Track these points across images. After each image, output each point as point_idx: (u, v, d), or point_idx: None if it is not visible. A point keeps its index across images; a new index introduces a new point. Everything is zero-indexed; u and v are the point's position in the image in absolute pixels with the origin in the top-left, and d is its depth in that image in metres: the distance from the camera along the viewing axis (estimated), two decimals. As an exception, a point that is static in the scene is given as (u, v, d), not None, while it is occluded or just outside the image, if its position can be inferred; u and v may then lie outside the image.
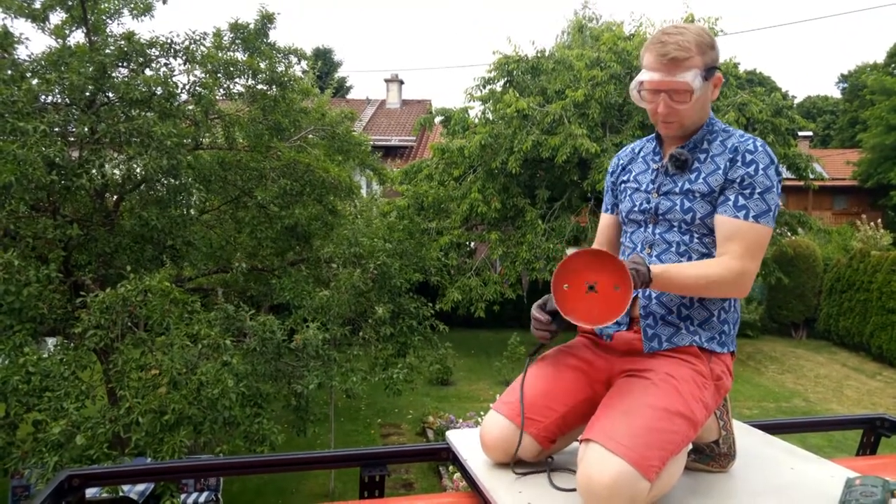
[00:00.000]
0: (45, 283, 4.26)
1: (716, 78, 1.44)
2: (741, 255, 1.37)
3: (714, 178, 1.42)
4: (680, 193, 1.46)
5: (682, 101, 1.41)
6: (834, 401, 9.86)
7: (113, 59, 5.12)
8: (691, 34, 1.40)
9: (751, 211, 1.38)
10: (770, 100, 11.44)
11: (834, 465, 1.56)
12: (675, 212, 1.47)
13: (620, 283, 1.25)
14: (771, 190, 1.39)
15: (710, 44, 1.42)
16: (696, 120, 1.47)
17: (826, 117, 33.88)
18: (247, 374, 4.27)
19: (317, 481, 6.63)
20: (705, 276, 1.36)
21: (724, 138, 1.46)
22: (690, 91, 1.39)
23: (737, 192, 1.39)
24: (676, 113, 1.43)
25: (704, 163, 1.45)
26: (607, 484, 1.20)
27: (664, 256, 1.47)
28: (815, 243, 14.78)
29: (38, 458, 3.44)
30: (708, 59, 1.41)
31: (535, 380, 1.55)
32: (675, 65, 1.39)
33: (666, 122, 1.46)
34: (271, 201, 6.11)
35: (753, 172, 1.39)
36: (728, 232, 1.39)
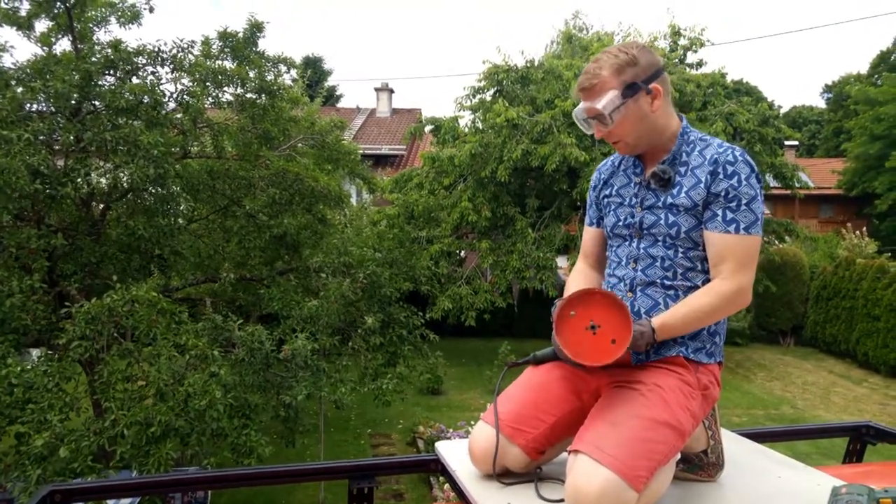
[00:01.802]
0: (29, 293, 4.21)
1: (650, 91, 1.41)
2: (733, 272, 1.38)
3: (696, 192, 1.42)
4: (663, 208, 1.46)
5: (605, 124, 1.41)
6: (821, 407, 9.92)
7: (99, 67, 5.09)
8: (606, 59, 1.41)
9: (740, 223, 1.38)
10: (757, 110, 11.59)
11: (820, 473, 1.57)
12: (660, 226, 1.46)
13: (619, 339, 1.28)
14: (756, 199, 1.39)
15: (629, 61, 1.40)
16: (648, 134, 1.45)
17: (811, 127, 34.33)
18: (235, 385, 4.22)
19: (306, 492, 6.56)
20: (701, 311, 1.38)
21: (701, 148, 1.45)
22: (603, 114, 1.39)
23: (723, 206, 1.39)
24: (612, 135, 1.44)
25: (685, 176, 1.44)
26: (595, 494, 1.21)
27: (649, 271, 1.48)
28: (802, 251, 14.93)
29: (20, 471, 3.38)
30: (628, 76, 1.39)
31: (524, 391, 1.54)
32: (588, 93, 1.42)
33: (613, 144, 1.48)
34: (260, 210, 6.08)
35: (737, 184, 1.38)
36: (720, 249, 1.40)
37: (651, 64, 1.42)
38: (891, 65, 26.73)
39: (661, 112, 1.44)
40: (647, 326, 1.36)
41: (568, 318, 1.31)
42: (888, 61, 27.35)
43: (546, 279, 10.25)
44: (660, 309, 1.45)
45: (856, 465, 1.96)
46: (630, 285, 1.50)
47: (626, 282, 1.51)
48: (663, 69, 1.45)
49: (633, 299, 1.49)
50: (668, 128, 1.47)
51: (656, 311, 1.45)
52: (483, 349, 12.55)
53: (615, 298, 1.28)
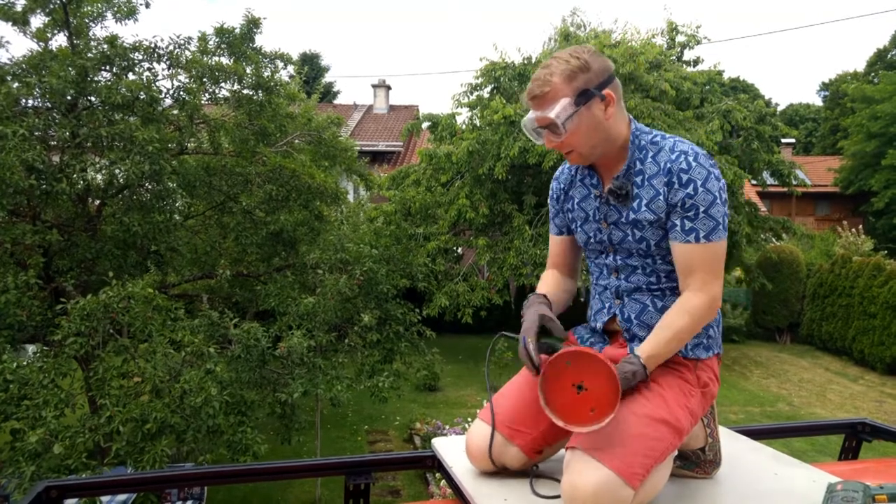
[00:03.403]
0: (24, 289, 4.20)
1: (604, 97, 1.35)
2: (703, 284, 1.36)
3: (656, 204, 1.38)
4: (628, 223, 1.42)
5: (558, 134, 1.35)
6: (817, 405, 9.96)
7: (95, 62, 5.06)
8: (556, 65, 1.34)
9: (700, 232, 1.34)
10: (754, 107, 11.60)
11: (816, 470, 1.57)
12: (629, 242, 1.44)
13: (599, 412, 1.24)
14: (715, 203, 1.34)
15: (581, 67, 1.33)
16: (602, 143, 1.39)
17: (808, 125, 34.41)
18: (231, 382, 4.22)
19: (303, 489, 6.56)
20: (682, 331, 1.36)
21: (654, 153, 1.39)
22: (556, 124, 1.33)
23: (681, 216, 1.35)
24: (564, 145, 1.38)
25: (643, 187, 1.40)
26: (591, 491, 1.20)
27: (632, 278, 1.47)
28: (799, 249, 14.96)
29: (14, 467, 3.38)
30: (580, 83, 1.33)
31: (521, 389, 1.54)
32: (539, 102, 1.35)
33: (566, 154, 1.43)
34: (257, 207, 6.06)
35: (693, 192, 1.33)
36: (684, 260, 1.38)
37: (604, 69, 1.37)
38: (888, 63, 26.80)
39: (615, 119, 1.38)
40: (638, 364, 1.33)
41: (562, 366, 1.27)
42: (885, 59, 27.43)
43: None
44: (649, 311, 1.44)
45: (851, 462, 1.97)
46: (616, 293, 1.49)
47: (612, 290, 1.50)
48: (614, 75, 1.40)
49: (621, 306, 1.49)
50: (621, 134, 1.41)
51: (646, 313, 1.45)
52: (480, 346, 12.55)
53: (614, 375, 1.24)
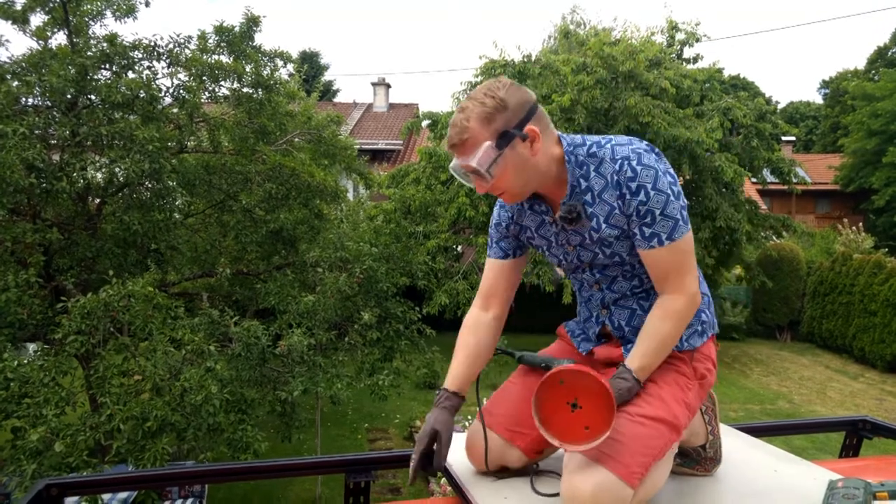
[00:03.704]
0: (25, 287, 4.20)
1: (528, 135, 1.28)
2: (678, 285, 1.33)
3: (615, 219, 1.34)
4: (594, 243, 1.39)
5: (484, 179, 1.29)
6: (818, 402, 9.97)
7: (95, 61, 5.06)
8: (472, 108, 1.26)
9: (662, 235, 1.30)
10: (754, 105, 11.58)
11: (817, 467, 1.57)
12: (600, 259, 1.42)
13: (593, 430, 1.23)
14: (669, 200, 1.28)
15: (498, 107, 1.26)
16: (534, 179, 1.33)
17: (808, 122, 34.37)
18: (231, 380, 4.22)
19: (303, 487, 6.57)
20: (669, 336, 1.34)
21: (595, 166, 1.33)
22: (479, 171, 1.27)
23: (640, 224, 1.31)
24: (495, 188, 1.31)
25: (596, 204, 1.34)
26: (590, 492, 1.21)
27: (615, 287, 1.45)
28: (799, 247, 14.96)
29: (16, 465, 3.39)
30: (499, 124, 1.26)
31: (520, 389, 1.54)
32: (459, 149, 1.29)
33: (499, 195, 1.36)
34: (256, 205, 6.06)
35: (645, 198, 1.28)
36: (653, 265, 1.35)
37: (522, 103, 1.28)
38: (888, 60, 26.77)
39: (544, 151, 1.31)
40: (631, 379, 1.32)
41: (556, 384, 1.26)
42: (885, 57, 27.39)
43: (543, 274, 10.26)
44: (638, 315, 1.43)
45: (852, 460, 1.97)
46: (602, 303, 1.48)
47: (596, 301, 1.49)
48: (536, 103, 1.31)
49: (609, 315, 1.47)
50: (555, 160, 1.34)
51: (636, 318, 1.43)
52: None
53: (609, 393, 1.23)
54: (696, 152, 9.85)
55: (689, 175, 10.97)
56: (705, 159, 10.16)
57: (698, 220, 10.81)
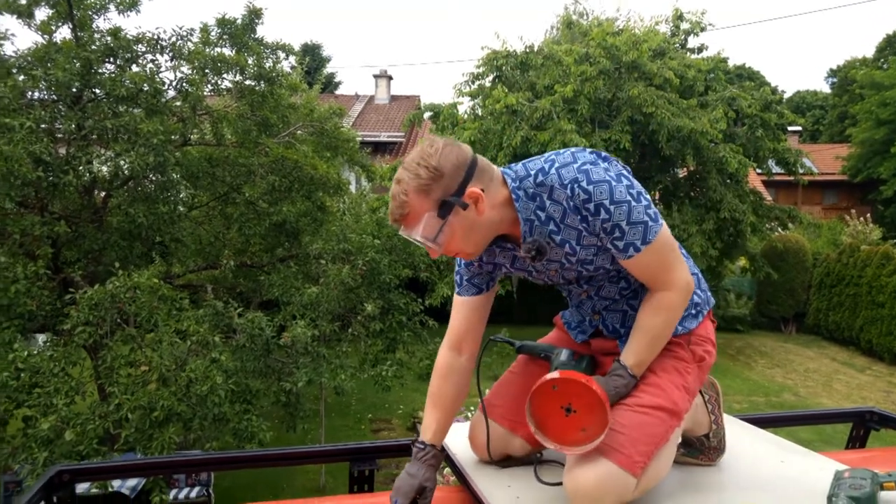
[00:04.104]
0: (34, 279, 4.24)
1: (470, 198, 1.23)
2: (665, 282, 1.32)
3: (587, 239, 1.30)
4: (573, 265, 1.36)
5: (434, 249, 1.27)
6: (824, 395, 9.95)
7: (99, 55, 5.08)
8: (408, 180, 1.22)
9: (636, 242, 1.26)
10: (759, 94, 11.50)
11: (823, 457, 1.56)
12: (584, 276, 1.41)
13: (590, 430, 1.25)
14: (630, 206, 1.24)
15: (433, 176, 1.21)
16: (486, 233, 1.30)
17: (815, 112, 34.06)
18: (236, 371, 4.26)
19: (307, 477, 6.62)
20: (664, 328, 1.33)
21: (547, 194, 1.28)
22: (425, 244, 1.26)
23: (611, 240, 1.27)
24: (448, 252, 1.29)
25: (563, 230, 1.30)
26: (593, 484, 1.22)
27: (603, 292, 1.44)
28: (805, 238, 14.88)
29: (28, 453, 3.45)
30: (437, 194, 1.22)
31: (521, 378, 1.56)
32: (402, 223, 1.26)
33: (455, 256, 1.33)
34: (260, 197, 6.09)
35: (607, 215, 1.24)
36: (638, 271, 1.33)
37: (458, 166, 1.23)
38: (896, 49, 26.50)
39: (492, 203, 1.27)
40: (627, 376, 1.32)
41: (549, 390, 1.27)
42: (894, 45, 27.10)
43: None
44: (630, 315, 1.42)
45: (859, 451, 1.95)
46: (593, 309, 1.48)
47: (587, 308, 1.48)
48: (475, 159, 1.26)
49: (601, 319, 1.47)
50: (506, 204, 1.29)
51: (629, 318, 1.42)
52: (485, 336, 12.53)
53: (600, 397, 1.24)
54: (700, 143, 9.80)
55: (693, 166, 10.92)
56: (709, 150, 10.11)
57: (702, 210, 10.76)
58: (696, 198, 11.28)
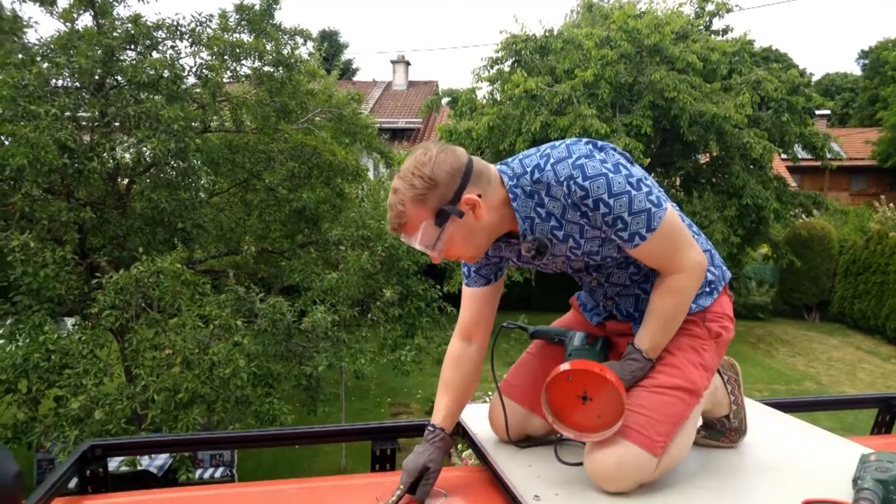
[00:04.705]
0: (62, 264, 4.34)
1: (466, 205, 1.23)
2: (677, 266, 1.30)
3: (590, 232, 1.30)
4: (579, 256, 1.35)
5: (434, 256, 1.28)
6: (847, 383, 9.80)
7: (120, 42, 5.13)
8: (404, 190, 1.22)
9: (640, 231, 1.24)
10: (786, 77, 11.23)
11: (848, 441, 1.54)
12: (592, 265, 1.41)
13: (606, 417, 1.26)
14: (631, 196, 1.22)
15: (428, 186, 1.20)
16: (487, 236, 1.30)
17: (845, 95, 33.23)
18: (258, 355, 4.33)
19: (328, 459, 6.72)
20: (677, 311, 1.32)
21: (545, 191, 1.27)
22: (425, 252, 1.27)
23: (614, 231, 1.26)
24: (449, 257, 1.29)
25: (564, 225, 1.29)
26: (613, 464, 1.24)
27: (613, 279, 1.44)
28: (832, 225, 14.59)
29: (59, 431, 3.57)
30: (433, 203, 1.22)
31: (539, 360, 1.57)
32: (401, 232, 1.26)
33: (458, 259, 1.33)
34: (279, 184, 6.13)
35: (607, 209, 1.22)
36: (647, 259, 1.32)
37: (453, 173, 1.22)
38: (928, 30, 25.65)
39: (490, 206, 1.26)
40: (643, 359, 1.32)
41: (563, 381, 1.28)
42: (926, 26, 26.25)
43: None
44: (643, 299, 1.41)
45: (884, 437, 1.91)
46: (605, 295, 1.47)
47: (600, 294, 1.48)
48: (470, 163, 1.25)
49: (615, 305, 1.47)
50: (504, 209, 1.29)
51: (642, 302, 1.41)
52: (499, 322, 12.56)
53: (615, 386, 1.24)
54: (724, 128, 9.64)
55: (716, 151, 10.74)
56: (733, 135, 9.93)
57: (724, 197, 10.60)
58: (717, 184, 11.11)
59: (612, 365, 1.32)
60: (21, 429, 3.78)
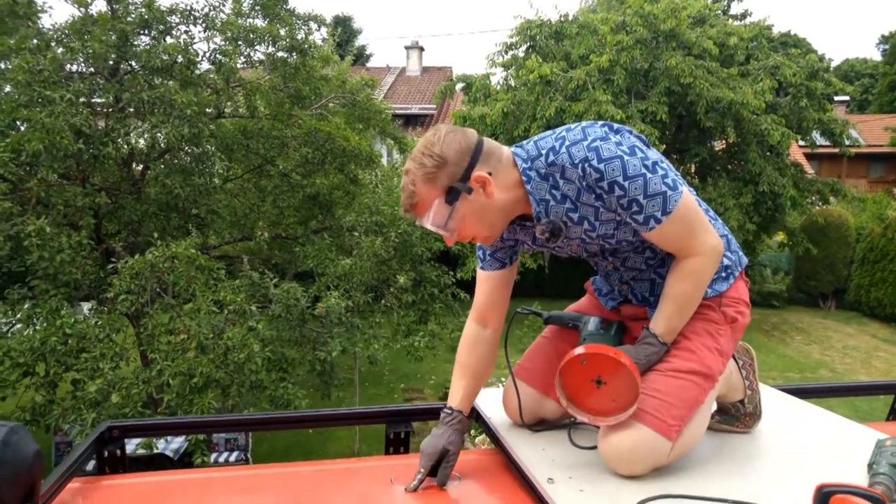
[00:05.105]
0: (78, 249, 4.38)
1: (477, 182, 1.24)
2: (693, 249, 1.29)
3: (605, 215, 1.29)
4: (594, 239, 1.35)
5: (447, 236, 1.29)
6: (862, 372, 9.72)
7: (134, 27, 5.14)
8: (415, 170, 1.24)
9: (656, 214, 1.24)
10: (805, 62, 11.03)
11: (863, 426, 1.54)
12: (607, 249, 1.40)
13: (621, 400, 1.25)
14: (646, 180, 1.21)
15: (438, 164, 1.22)
16: (500, 216, 1.30)
17: (865, 81, 32.64)
18: (272, 340, 4.36)
19: (341, 443, 6.79)
20: (693, 294, 1.31)
21: (560, 173, 1.26)
22: (438, 231, 1.28)
23: (629, 214, 1.25)
24: (463, 237, 1.30)
25: (579, 208, 1.29)
26: (628, 448, 1.24)
27: (629, 263, 1.43)
28: (849, 212, 14.39)
29: (77, 414, 3.62)
30: (444, 181, 1.23)
31: (553, 344, 1.57)
32: (414, 212, 1.28)
33: (472, 241, 1.34)
34: (293, 170, 6.14)
35: (622, 192, 1.22)
36: (662, 242, 1.31)
37: (462, 152, 1.24)
38: (953, 13, 25.06)
39: (502, 185, 1.27)
40: (658, 344, 1.31)
41: (578, 364, 1.28)
42: (950, 10, 25.65)
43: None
44: (659, 284, 1.40)
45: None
46: (621, 279, 1.47)
47: (615, 278, 1.48)
48: (480, 143, 1.27)
49: (630, 290, 1.47)
50: (517, 190, 1.29)
51: (657, 287, 1.41)
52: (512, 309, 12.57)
53: (630, 369, 1.24)
54: (742, 114, 9.50)
55: (733, 138, 10.61)
56: (750, 121, 9.79)
57: (740, 184, 10.48)
58: (733, 171, 10.97)
59: (626, 349, 1.33)
60: (39, 411, 3.83)
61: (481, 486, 1.34)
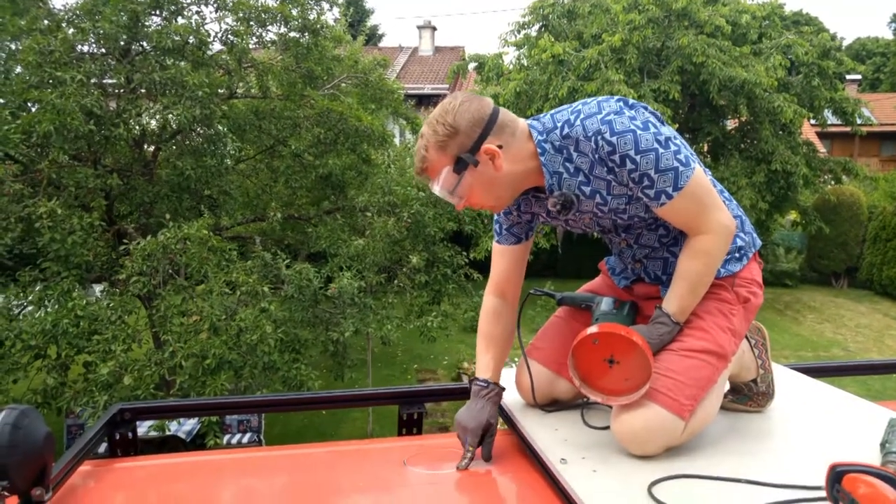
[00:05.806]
0: (89, 231, 4.39)
1: (486, 154, 1.25)
2: (704, 227, 1.28)
3: (617, 189, 1.29)
4: (606, 214, 1.35)
5: (455, 201, 1.31)
6: (874, 350, 9.67)
7: (145, 7, 5.11)
8: (428, 135, 1.26)
9: (667, 189, 1.23)
10: (817, 41, 10.83)
11: (875, 405, 1.53)
12: (619, 225, 1.40)
13: (633, 380, 1.25)
14: (658, 155, 1.21)
15: (449, 133, 1.24)
16: (508, 188, 1.31)
17: (876, 59, 32.02)
18: (285, 321, 4.38)
19: (355, 425, 6.85)
20: (705, 273, 1.31)
21: (574, 146, 1.27)
22: (445, 196, 1.30)
23: (641, 189, 1.25)
24: (471, 204, 1.32)
25: (591, 181, 1.29)
26: (641, 427, 1.24)
27: (642, 240, 1.42)
28: (861, 191, 14.23)
29: (88, 397, 3.63)
30: (453, 150, 1.25)
31: (566, 323, 1.57)
32: (425, 176, 1.31)
33: (480, 208, 1.36)
34: (305, 150, 6.12)
35: (634, 166, 1.22)
36: (674, 218, 1.31)
37: (474, 123, 1.24)
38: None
39: (515, 156, 1.28)
40: (670, 323, 1.31)
41: (590, 345, 1.28)
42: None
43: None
44: (672, 262, 1.39)
45: None
46: (634, 257, 1.47)
47: (628, 256, 1.47)
48: (494, 114, 1.27)
49: (643, 268, 1.46)
50: (532, 157, 1.30)
51: (671, 265, 1.40)
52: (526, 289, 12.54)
53: (642, 348, 1.23)
54: (755, 93, 9.36)
55: (746, 116, 10.47)
56: (763, 100, 9.65)
57: (753, 163, 10.37)
58: (746, 150, 10.85)
59: (639, 328, 1.32)
60: (51, 394, 3.84)
61: (494, 466, 1.34)
